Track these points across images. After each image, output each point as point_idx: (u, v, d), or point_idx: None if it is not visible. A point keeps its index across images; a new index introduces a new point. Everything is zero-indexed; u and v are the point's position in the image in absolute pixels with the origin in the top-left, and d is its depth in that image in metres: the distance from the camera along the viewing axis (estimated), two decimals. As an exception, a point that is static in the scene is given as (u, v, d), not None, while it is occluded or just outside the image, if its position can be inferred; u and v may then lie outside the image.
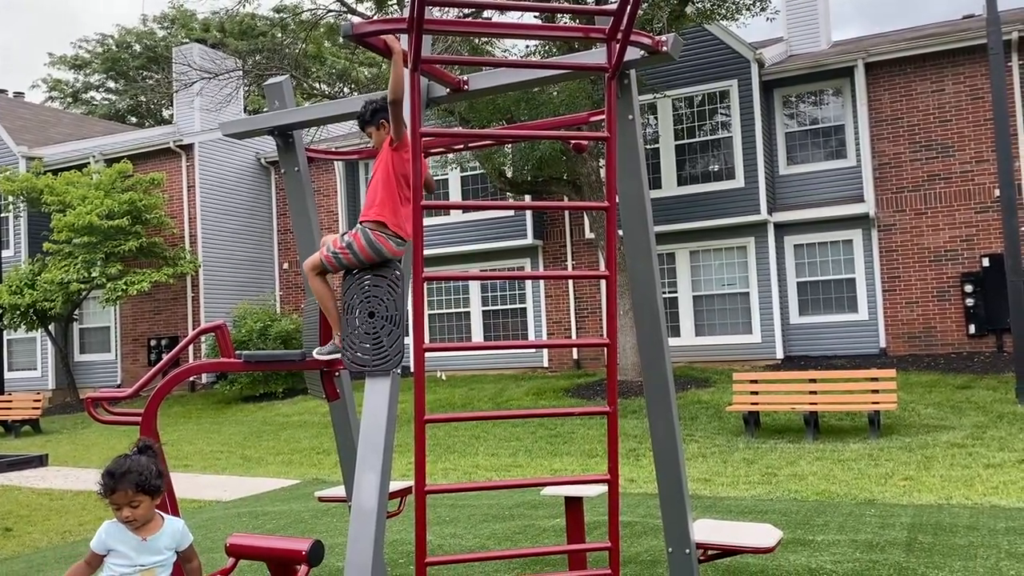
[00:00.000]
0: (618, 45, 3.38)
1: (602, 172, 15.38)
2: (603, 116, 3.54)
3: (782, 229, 17.18)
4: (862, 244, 16.74)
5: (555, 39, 6.99)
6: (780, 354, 16.70)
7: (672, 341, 17.63)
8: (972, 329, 15.78)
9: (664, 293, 17.86)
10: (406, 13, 3.11)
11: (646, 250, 4.17)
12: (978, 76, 16.07)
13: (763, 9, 15.17)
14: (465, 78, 4.19)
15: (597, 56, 3.82)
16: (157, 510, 3.24)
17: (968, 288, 15.84)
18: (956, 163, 16.27)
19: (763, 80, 17.16)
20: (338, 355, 3.97)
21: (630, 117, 4.04)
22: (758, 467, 9.29)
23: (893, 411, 11.31)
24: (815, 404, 11.08)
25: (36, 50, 63.93)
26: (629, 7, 3.23)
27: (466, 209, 3.84)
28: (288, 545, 3.87)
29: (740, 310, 17.30)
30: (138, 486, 3.08)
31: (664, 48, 3.76)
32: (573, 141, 5.39)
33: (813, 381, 11.45)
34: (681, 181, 17.56)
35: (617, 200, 4.24)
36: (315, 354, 4.05)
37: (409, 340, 14.83)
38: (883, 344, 16.45)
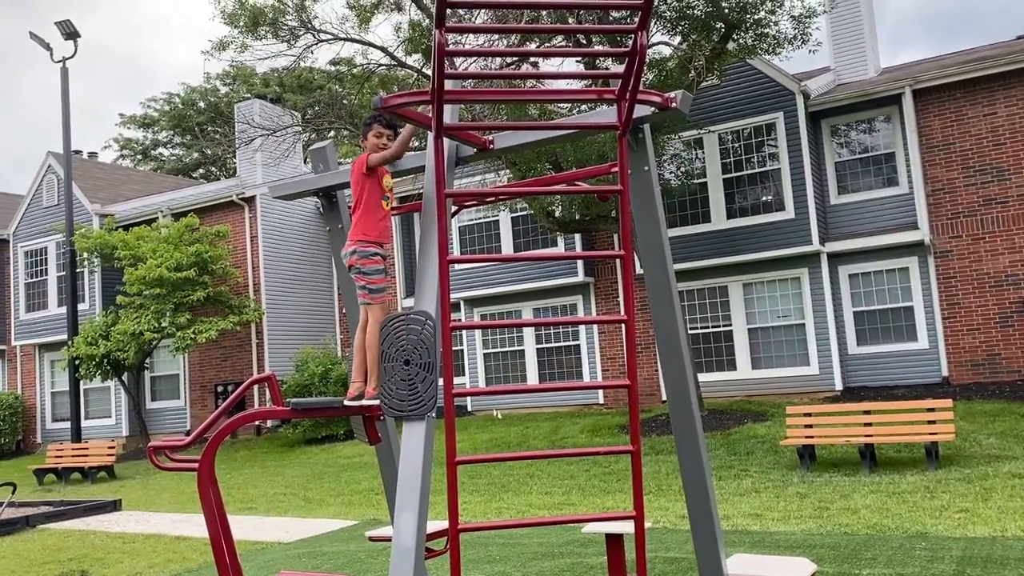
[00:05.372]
0: (627, 104, 3.63)
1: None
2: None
3: (836, 259, 17.06)
4: (919, 271, 16.51)
5: (570, 102, 7.22)
6: (839, 385, 16.49)
7: (728, 375, 17.58)
8: (1038, 355, 15.38)
9: (718, 327, 17.84)
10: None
11: (667, 293, 4.35)
12: (1031, 98, 15.84)
13: (805, 42, 15.25)
14: (491, 138, 4.47)
15: (609, 115, 4.06)
16: None
17: (1031, 313, 15.48)
18: (1012, 186, 15.99)
19: (809, 111, 17.20)
20: (366, 402, 4.26)
21: (645, 168, 4.26)
22: (811, 501, 9.24)
23: (952, 442, 11.10)
24: (870, 436, 10.96)
25: (110, 108, 67.08)
26: (635, 70, 3.48)
27: (493, 261, 4.10)
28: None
29: (796, 342, 17.16)
30: None
31: (674, 104, 3.99)
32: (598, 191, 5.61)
33: (868, 413, 11.34)
34: (731, 214, 17.60)
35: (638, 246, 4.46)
36: (344, 402, 4.34)
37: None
38: (945, 373, 16.12)
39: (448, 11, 3.07)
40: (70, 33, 21.99)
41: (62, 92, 22.18)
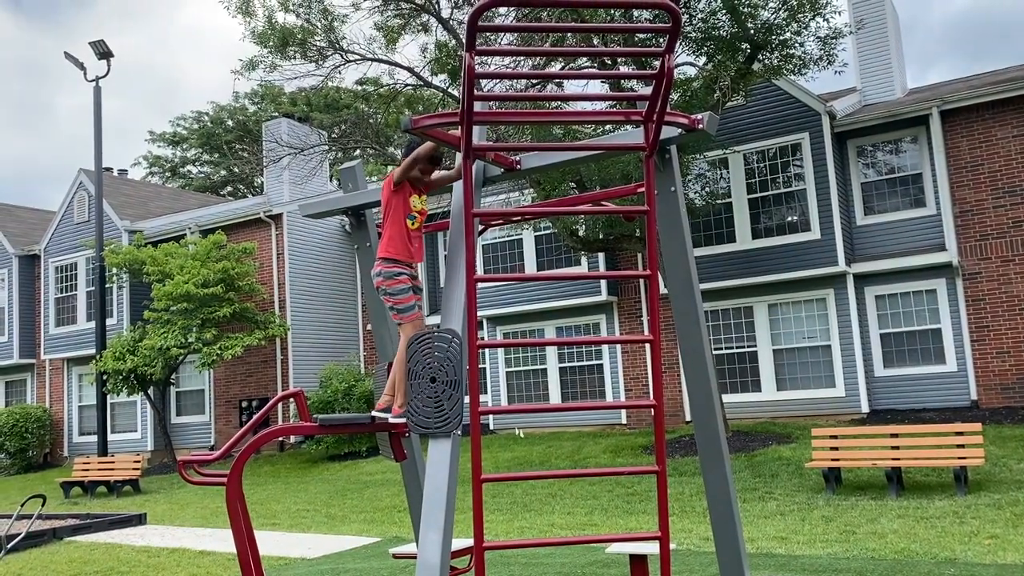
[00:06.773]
0: (654, 126, 3.66)
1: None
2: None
3: (862, 280, 16.92)
4: (946, 293, 16.33)
5: (598, 123, 7.29)
6: (865, 408, 16.32)
7: (753, 396, 17.45)
8: (1070, 379, 15.14)
9: (743, 347, 17.73)
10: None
11: (693, 313, 4.36)
12: (1061, 119, 15.69)
13: (831, 63, 15.20)
14: (518, 158, 4.52)
15: (636, 136, 4.09)
16: None
17: (1063, 336, 15.24)
18: (1043, 208, 15.81)
19: (835, 131, 17.14)
20: (392, 419, 4.29)
21: (672, 189, 4.28)
22: (837, 525, 9.13)
23: (982, 466, 10.94)
24: (897, 460, 10.82)
25: (140, 125, 68.17)
26: (662, 92, 3.52)
27: (519, 280, 4.15)
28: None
29: (822, 363, 17.01)
30: None
31: (700, 126, 4.02)
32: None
33: (895, 436, 11.19)
34: (756, 234, 17.53)
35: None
36: (373, 414, 4.38)
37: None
38: (974, 396, 15.90)
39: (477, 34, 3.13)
40: (103, 53, 22.42)
41: (95, 110, 22.59)
